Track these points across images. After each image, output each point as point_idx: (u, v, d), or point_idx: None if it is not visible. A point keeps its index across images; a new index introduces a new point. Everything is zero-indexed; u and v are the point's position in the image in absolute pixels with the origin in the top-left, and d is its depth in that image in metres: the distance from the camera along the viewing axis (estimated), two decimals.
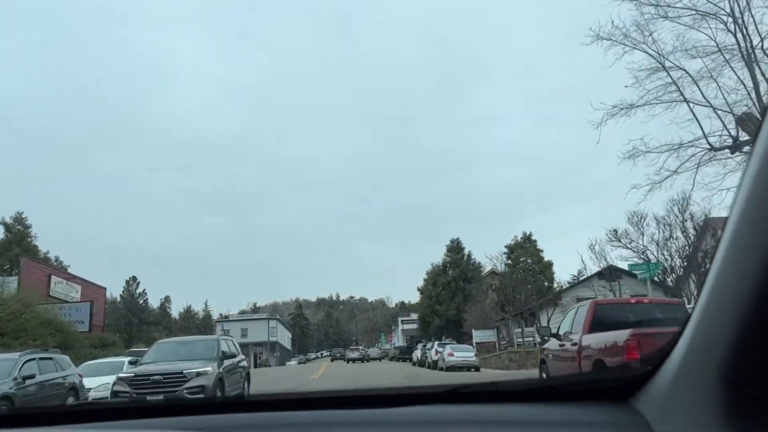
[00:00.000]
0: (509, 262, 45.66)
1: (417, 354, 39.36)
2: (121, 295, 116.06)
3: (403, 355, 53.97)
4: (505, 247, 46.01)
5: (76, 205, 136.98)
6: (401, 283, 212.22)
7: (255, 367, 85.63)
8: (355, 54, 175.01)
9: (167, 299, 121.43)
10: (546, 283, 43.04)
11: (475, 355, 26.33)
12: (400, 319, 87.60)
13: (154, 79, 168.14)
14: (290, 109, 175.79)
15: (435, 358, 30.00)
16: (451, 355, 26.16)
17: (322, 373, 31.74)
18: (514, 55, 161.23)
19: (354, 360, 53.94)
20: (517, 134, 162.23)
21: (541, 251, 45.62)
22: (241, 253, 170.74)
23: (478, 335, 36.52)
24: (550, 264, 46.42)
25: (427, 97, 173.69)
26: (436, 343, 32.96)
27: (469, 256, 54.00)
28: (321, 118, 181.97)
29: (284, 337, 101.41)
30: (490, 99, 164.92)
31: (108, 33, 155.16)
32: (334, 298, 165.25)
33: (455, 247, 54.17)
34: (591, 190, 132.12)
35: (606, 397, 1.24)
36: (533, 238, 46.17)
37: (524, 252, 45.36)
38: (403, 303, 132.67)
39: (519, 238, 46.48)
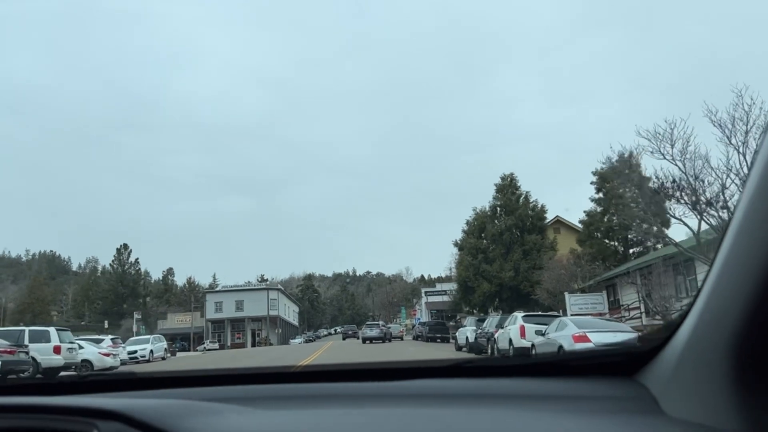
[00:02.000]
0: (600, 195, 30.51)
1: (466, 333, 24.54)
2: (111, 265, 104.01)
3: (435, 334, 39.48)
4: (593, 173, 30.84)
5: (94, 186, 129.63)
6: (420, 262, 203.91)
7: (253, 345, 72.51)
8: (374, 35, 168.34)
9: (170, 271, 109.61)
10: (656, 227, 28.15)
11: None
12: (424, 291, 73.60)
13: (174, 62, 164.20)
14: (309, 92, 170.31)
15: (521, 342, 15.40)
16: (584, 339, 11.35)
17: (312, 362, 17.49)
18: (533, 34, 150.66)
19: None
20: (535, 113, 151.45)
21: (649, 179, 30.19)
22: (258, 231, 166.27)
23: (575, 302, 21.37)
24: (656, 192, 30.41)
25: (446, 78, 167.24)
26: (520, 315, 17.32)
27: (527, 197, 38.56)
28: (339, 99, 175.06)
29: (289, 312, 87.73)
30: (509, 78, 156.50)
31: (130, 17, 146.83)
32: (350, 274, 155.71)
33: (508, 185, 38.61)
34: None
35: (613, 371, 1.21)
36: (635, 160, 30.81)
37: (625, 179, 30.13)
38: (423, 277, 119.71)
39: (614, 161, 31.18)
